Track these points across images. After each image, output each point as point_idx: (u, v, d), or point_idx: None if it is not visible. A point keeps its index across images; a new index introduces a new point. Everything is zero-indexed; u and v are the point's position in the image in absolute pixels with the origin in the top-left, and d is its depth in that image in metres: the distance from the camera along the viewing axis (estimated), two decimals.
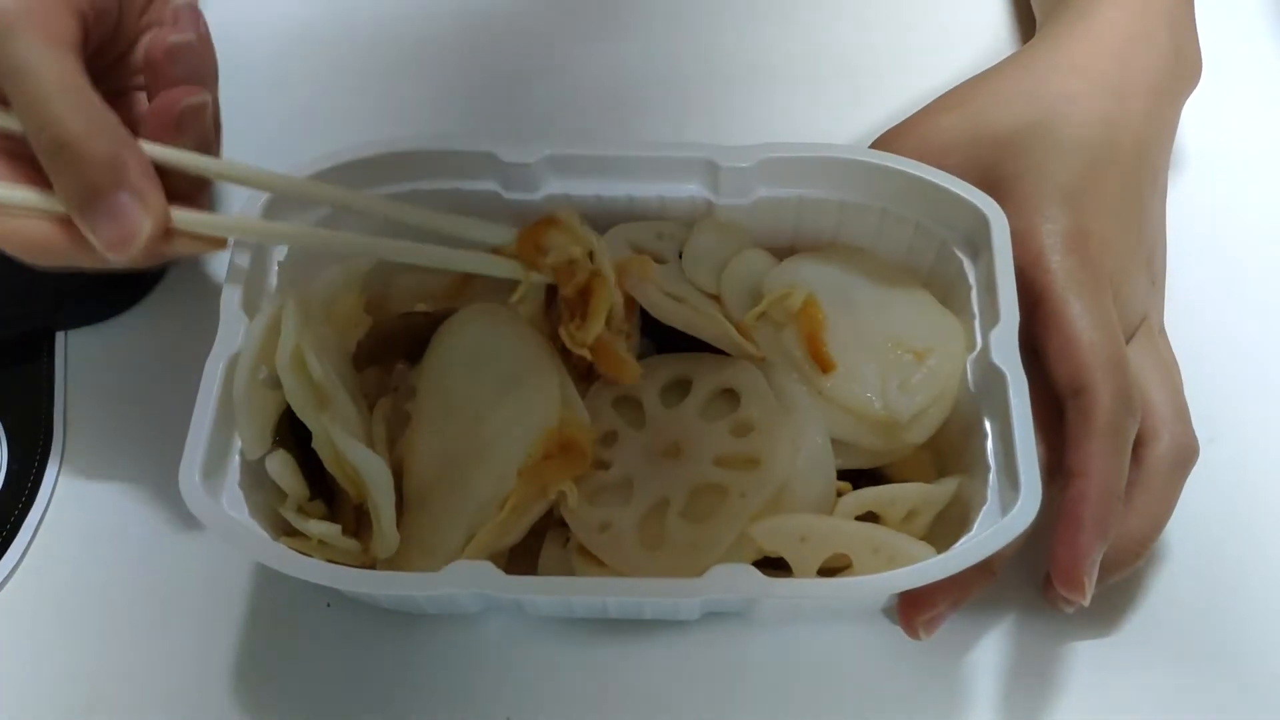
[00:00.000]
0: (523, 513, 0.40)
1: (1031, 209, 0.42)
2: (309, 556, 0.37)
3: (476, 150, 0.42)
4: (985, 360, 0.39)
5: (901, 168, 0.42)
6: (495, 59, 0.58)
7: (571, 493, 0.40)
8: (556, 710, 0.42)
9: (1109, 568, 0.39)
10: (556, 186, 0.43)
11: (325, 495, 0.41)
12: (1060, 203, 0.42)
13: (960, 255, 0.42)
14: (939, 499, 0.40)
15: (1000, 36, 0.59)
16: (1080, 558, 0.37)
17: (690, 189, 0.44)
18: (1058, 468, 0.39)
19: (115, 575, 0.45)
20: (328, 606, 0.44)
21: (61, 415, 0.48)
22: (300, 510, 0.40)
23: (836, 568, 0.39)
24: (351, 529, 0.40)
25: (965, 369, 0.41)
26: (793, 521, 0.39)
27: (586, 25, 0.59)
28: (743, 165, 0.42)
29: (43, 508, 0.46)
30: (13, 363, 0.49)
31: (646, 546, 0.39)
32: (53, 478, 0.46)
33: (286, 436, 0.40)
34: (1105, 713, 0.42)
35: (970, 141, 0.44)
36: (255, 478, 0.39)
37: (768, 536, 0.39)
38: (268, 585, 0.44)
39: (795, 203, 0.44)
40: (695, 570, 0.37)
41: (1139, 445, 0.40)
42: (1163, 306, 0.46)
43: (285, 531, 0.39)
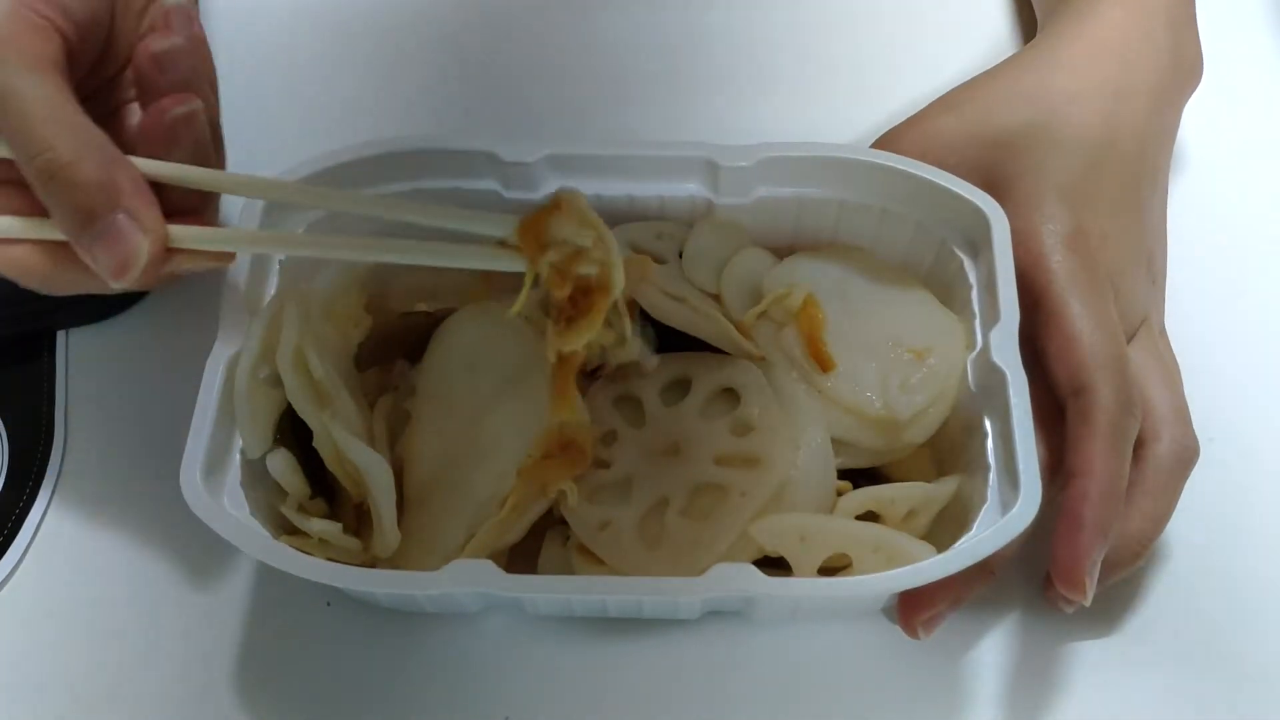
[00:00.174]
0: (523, 512, 0.40)
1: (1032, 208, 0.42)
2: (309, 555, 0.37)
3: (477, 149, 0.42)
4: (985, 359, 0.39)
5: (901, 167, 0.42)
6: (495, 58, 0.58)
7: (571, 492, 0.40)
8: (556, 710, 0.42)
9: (1109, 568, 0.39)
10: (557, 185, 0.43)
11: (326, 494, 0.41)
12: (1061, 202, 0.42)
13: (960, 254, 0.42)
14: (939, 498, 0.40)
15: (1000, 36, 0.59)
16: (1082, 557, 0.37)
17: (690, 188, 0.44)
18: (1057, 467, 0.40)
19: (115, 574, 0.45)
20: (328, 605, 0.44)
21: (62, 415, 0.48)
22: (301, 509, 0.40)
23: (836, 567, 0.39)
24: (352, 527, 0.41)
25: (965, 368, 0.41)
26: (793, 521, 0.39)
27: (587, 24, 0.59)
28: (743, 165, 0.42)
29: (43, 508, 0.46)
30: (13, 363, 0.49)
31: (646, 545, 0.39)
32: (53, 478, 0.46)
33: (287, 435, 0.41)
34: (1105, 712, 0.42)
35: (971, 141, 0.44)
36: (256, 476, 0.40)
37: (768, 535, 0.39)
38: (268, 584, 0.44)
39: (795, 202, 0.44)
40: (695, 569, 0.37)
41: (1139, 445, 0.40)
42: (1163, 306, 0.46)
43: (286, 530, 0.39)
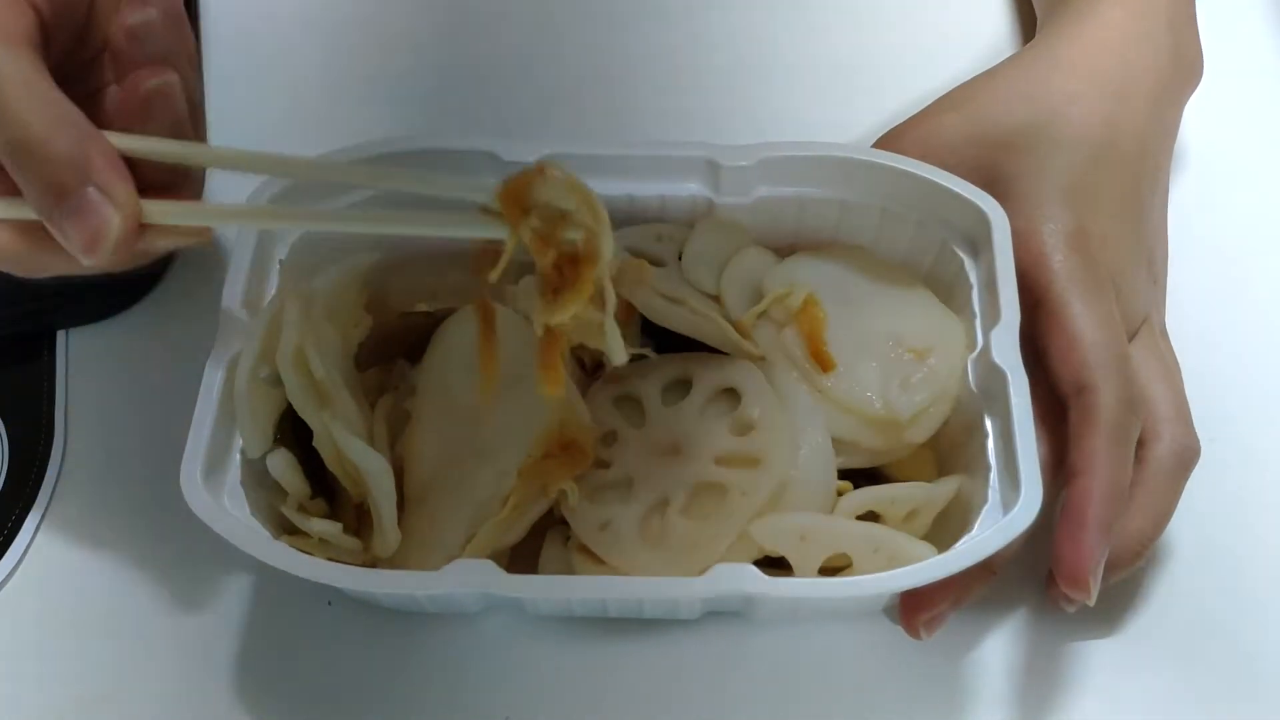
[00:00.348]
0: (523, 511, 0.40)
1: (1033, 208, 0.42)
2: (310, 555, 0.37)
3: (476, 149, 0.42)
4: (986, 359, 0.39)
5: (902, 166, 0.42)
6: (495, 58, 0.58)
7: (572, 491, 0.40)
8: (556, 709, 0.42)
9: (1110, 567, 0.39)
10: None
11: (326, 494, 0.41)
12: (1061, 202, 0.42)
13: (961, 254, 0.42)
14: (940, 498, 0.40)
15: (1000, 36, 0.59)
16: (1085, 557, 0.37)
17: (691, 188, 0.44)
18: (1058, 467, 0.40)
19: (115, 574, 0.45)
20: (328, 605, 0.44)
21: (62, 415, 0.48)
22: (301, 508, 0.40)
23: (837, 567, 0.39)
24: (352, 527, 0.40)
25: (966, 368, 0.41)
26: (793, 520, 0.39)
27: (587, 24, 0.59)
28: (743, 164, 0.42)
29: (43, 508, 0.46)
30: (13, 363, 0.49)
31: (647, 545, 0.39)
32: (53, 478, 0.46)
33: (287, 435, 0.40)
34: (1106, 712, 0.42)
35: (971, 141, 0.44)
36: (256, 476, 0.39)
37: (768, 535, 0.39)
38: (268, 584, 0.44)
39: (796, 202, 0.44)
40: (695, 569, 0.37)
41: (1141, 445, 0.40)
42: (1164, 306, 0.46)
43: (286, 530, 0.39)
